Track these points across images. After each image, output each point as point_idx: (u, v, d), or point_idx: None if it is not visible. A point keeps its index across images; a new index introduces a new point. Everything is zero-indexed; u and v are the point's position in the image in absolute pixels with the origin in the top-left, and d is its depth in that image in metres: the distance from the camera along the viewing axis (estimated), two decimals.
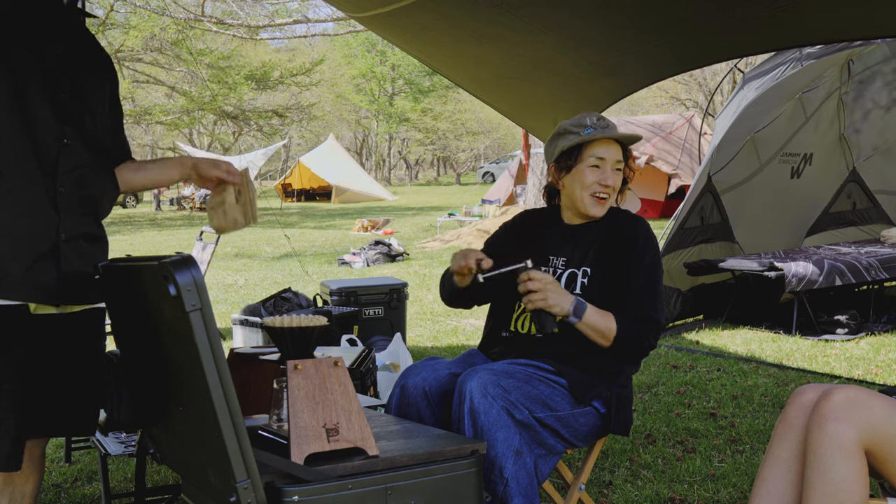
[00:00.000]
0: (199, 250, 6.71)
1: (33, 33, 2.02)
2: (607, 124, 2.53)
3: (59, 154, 2.00)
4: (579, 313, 2.36)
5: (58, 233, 2.01)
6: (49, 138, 1.99)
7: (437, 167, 55.86)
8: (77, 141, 2.04)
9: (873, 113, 8.03)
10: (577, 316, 2.36)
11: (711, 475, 3.38)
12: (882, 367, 5.26)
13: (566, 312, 2.35)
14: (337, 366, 1.83)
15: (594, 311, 2.38)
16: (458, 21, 3.60)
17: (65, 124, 2.01)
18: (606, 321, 2.38)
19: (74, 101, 2.04)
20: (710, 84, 28.07)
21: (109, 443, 2.62)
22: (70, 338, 2.12)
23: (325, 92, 37.85)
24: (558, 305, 2.34)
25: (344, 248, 13.55)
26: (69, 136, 2.02)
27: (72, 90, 2.04)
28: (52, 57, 2.03)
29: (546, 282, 2.34)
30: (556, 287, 2.37)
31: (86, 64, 2.12)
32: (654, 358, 5.51)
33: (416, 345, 6.15)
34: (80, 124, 2.04)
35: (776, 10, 3.01)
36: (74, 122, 2.03)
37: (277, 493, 1.67)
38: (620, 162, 2.53)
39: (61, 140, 2.00)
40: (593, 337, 2.39)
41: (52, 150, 1.99)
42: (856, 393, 2.03)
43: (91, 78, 2.11)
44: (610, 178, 2.52)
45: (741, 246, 7.22)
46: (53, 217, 2.00)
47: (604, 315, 2.39)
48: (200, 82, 22.94)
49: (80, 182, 2.05)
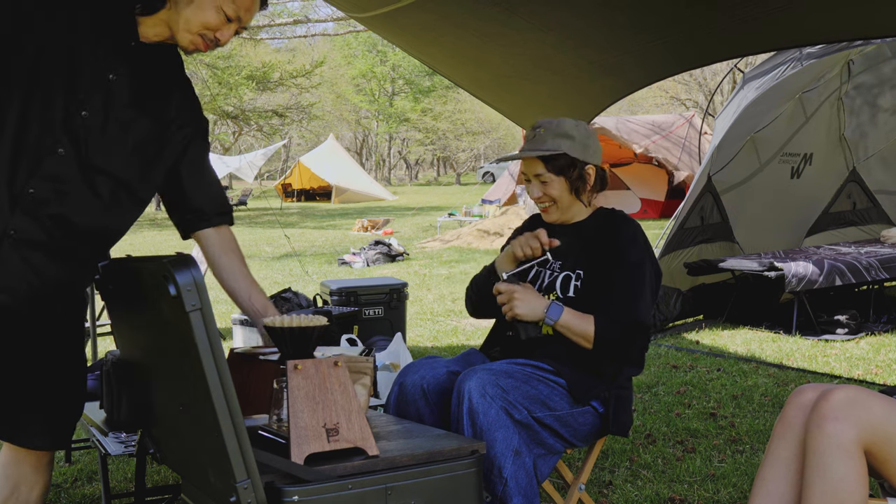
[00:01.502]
0: (199, 250, 6.70)
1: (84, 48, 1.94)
2: (534, 136, 2.57)
3: (45, 156, 1.92)
4: (554, 316, 2.39)
5: (6, 228, 1.91)
6: (43, 140, 1.92)
7: (437, 167, 55.88)
8: (71, 158, 1.94)
9: (874, 113, 8.03)
10: (551, 319, 2.39)
11: (711, 475, 3.38)
12: (882, 367, 5.26)
13: (539, 317, 2.40)
14: (337, 366, 1.83)
15: (571, 314, 2.40)
16: (459, 21, 3.60)
17: (64, 135, 1.93)
18: (584, 323, 2.39)
19: (92, 123, 1.95)
20: (710, 84, 28.08)
21: (109, 443, 2.62)
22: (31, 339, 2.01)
23: (325, 92, 37.86)
24: (528, 313, 2.40)
25: (344, 248, 13.55)
26: (65, 147, 1.93)
27: (98, 114, 1.95)
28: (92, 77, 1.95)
29: (511, 291, 2.41)
30: (524, 294, 2.41)
31: (135, 100, 2.00)
32: (654, 358, 5.51)
33: (416, 345, 6.15)
34: (80, 144, 1.95)
35: (775, 10, 3.01)
36: (79, 140, 1.94)
37: (277, 493, 1.67)
38: (540, 175, 2.56)
39: (55, 149, 1.92)
40: (574, 339, 2.41)
41: (41, 150, 1.92)
42: (855, 393, 2.03)
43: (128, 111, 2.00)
44: (536, 191, 2.59)
45: (741, 246, 7.22)
46: (4, 211, 1.91)
47: (582, 317, 2.40)
48: (200, 82, 22.95)
49: (58, 197, 1.94)
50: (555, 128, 2.55)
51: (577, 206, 2.61)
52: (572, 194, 2.58)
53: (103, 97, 1.97)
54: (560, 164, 2.54)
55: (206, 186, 2.19)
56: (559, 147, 2.51)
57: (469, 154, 48.94)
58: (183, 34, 1.98)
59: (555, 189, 2.56)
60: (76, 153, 1.95)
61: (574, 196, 2.58)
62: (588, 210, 2.63)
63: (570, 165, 2.54)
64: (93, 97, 1.95)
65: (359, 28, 14.51)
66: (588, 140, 2.57)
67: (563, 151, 2.51)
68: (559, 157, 2.53)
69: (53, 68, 1.92)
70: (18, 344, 1.99)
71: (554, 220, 2.64)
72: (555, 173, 2.55)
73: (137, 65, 2.02)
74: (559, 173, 2.55)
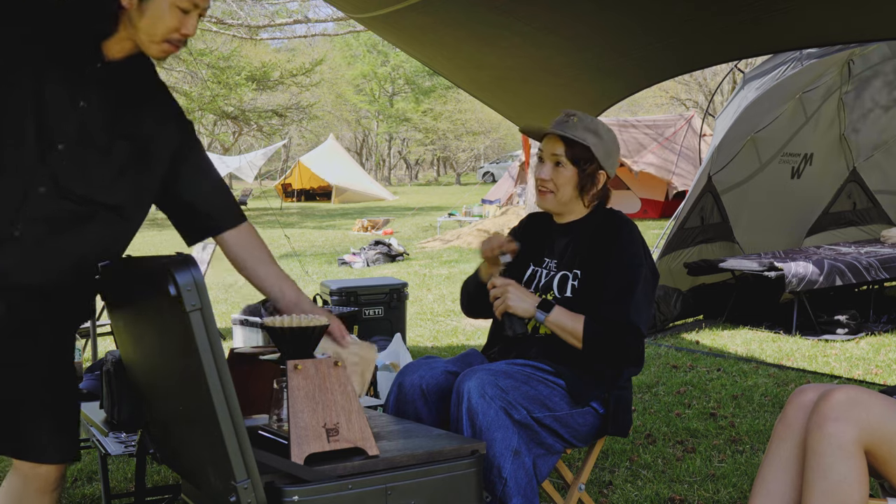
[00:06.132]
0: (199, 250, 6.71)
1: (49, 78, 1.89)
2: (567, 120, 2.55)
3: (26, 199, 1.87)
4: (545, 312, 2.39)
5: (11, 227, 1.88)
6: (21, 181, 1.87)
7: (437, 167, 55.86)
8: (54, 193, 1.89)
9: (874, 113, 8.03)
10: (542, 314, 2.39)
11: (711, 475, 3.38)
12: (882, 367, 5.26)
13: (530, 313, 2.40)
14: (337, 366, 1.83)
15: (561, 312, 2.40)
16: (459, 22, 3.60)
17: (45, 174, 1.88)
18: (574, 322, 2.39)
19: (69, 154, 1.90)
20: (711, 84, 28.07)
21: (109, 443, 2.62)
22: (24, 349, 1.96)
23: (325, 92, 37.85)
24: (520, 307, 2.39)
25: (344, 248, 13.55)
26: (46, 184, 1.88)
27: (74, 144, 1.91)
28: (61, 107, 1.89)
29: (506, 285, 2.41)
30: (517, 289, 2.42)
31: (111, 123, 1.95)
32: (654, 358, 5.51)
33: (416, 345, 6.15)
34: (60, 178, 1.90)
35: (775, 12, 3.01)
36: (58, 174, 1.89)
37: (277, 493, 1.67)
38: (557, 156, 2.53)
39: (37, 188, 1.87)
40: (564, 337, 2.41)
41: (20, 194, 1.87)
42: (855, 393, 2.03)
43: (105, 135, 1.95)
44: (545, 172, 2.56)
45: (741, 246, 7.22)
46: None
47: (573, 317, 2.40)
48: (200, 82, 22.94)
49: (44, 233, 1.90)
50: (589, 122, 2.56)
51: (576, 203, 2.60)
52: (577, 189, 2.57)
53: (76, 127, 1.91)
54: (579, 155, 2.53)
55: (211, 191, 2.14)
56: (586, 139, 2.52)
57: (469, 154, 48.91)
58: (149, 46, 1.92)
59: (563, 177, 2.55)
60: (57, 188, 1.90)
61: (577, 192, 2.57)
62: (586, 209, 2.63)
63: (588, 161, 2.54)
64: (66, 128, 1.90)
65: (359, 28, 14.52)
66: (612, 148, 2.59)
67: (589, 145, 2.52)
68: (582, 148, 2.52)
69: (20, 109, 1.87)
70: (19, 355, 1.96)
71: (548, 208, 2.63)
72: (571, 161, 2.53)
73: (107, 86, 1.96)
74: (575, 163, 2.54)
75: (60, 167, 1.90)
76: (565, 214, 2.63)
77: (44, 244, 1.91)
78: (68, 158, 1.90)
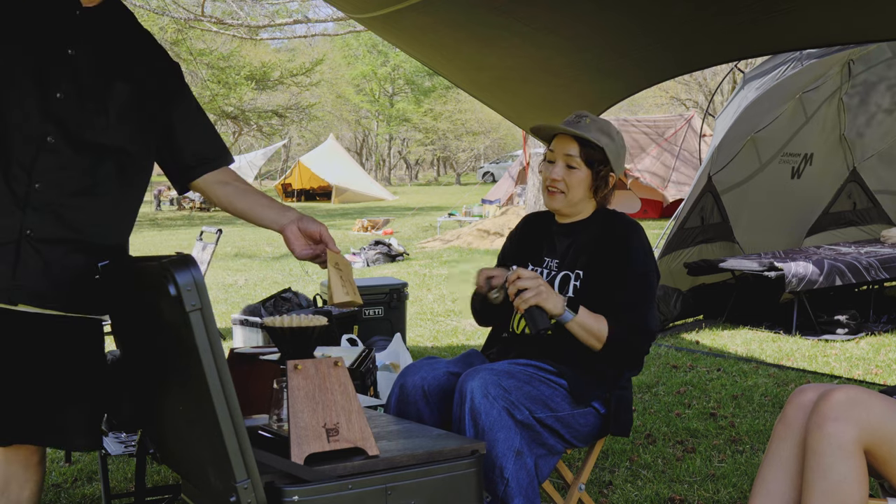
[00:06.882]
0: (199, 250, 6.71)
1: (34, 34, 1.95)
2: (578, 121, 2.54)
3: (38, 150, 1.93)
4: (573, 312, 2.37)
5: (21, 229, 1.92)
6: (29, 133, 1.92)
7: (437, 167, 55.85)
8: (63, 142, 1.95)
9: (874, 113, 8.03)
10: (571, 314, 2.36)
11: (711, 475, 3.38)
12: (882, 367, 5.26)
13: (560, 310, 2.35)
14: (337, 366, 1.83)
15: (587, 313, 2.39)
16: (459, 23, 3.60)
17: (49, 123, 1.93)
18: (599, 323, 2.38)
19: (69, 102, 1.95)
20: (711, 84, 28.07)
21: (109, 443, 2.62)
22: (61, 343, 2.02)
23: (325, 92, 37.84)
24: (551, 302, 2.34)
25: (344, 248, 13.54)
26: (53, 134, 1.94)
27: (72, 92, 1.96)
28: (52, 57, 1.95)
29: (537, 278, 2.37)
30: (547, 285, 2.38)
31: (102, 68, 2.00)
32: (654, 358, 5.51)
33: (416, 345, 6.15)
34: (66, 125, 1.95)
35: (775, 13, 3.01)
36: (63, 122, 1.95)
37: (277, 493, 1.67)
38: (571, 157, 2.52)
39: (45, 138, 1.93)
40: (584, 338, 2.39)
41: (31, 145, 1.92)
42: (855, 393, 2.03)
43: (99, 80, 2.00)
44: (556, 172, 2.53)
45: (741, 246, 7.22)
46: (16, 212, 1.92)
47: (596, 318, 2.39)
48: (200, 82, 22.94)
49: (64, 183, 1.96)
50: (602, 124, 2.55)
51: (585, 205, 2.59)
52: (590, 191, 2.56)
53: (70, 73, 1.97)
54: (594, 156, 2.52)
55: (202, 133, 2.21)
56: (600, 141, 2.51)
57: (469, 154, 48.90)
58: None
59: (576, 178, 2.53)
60: (65, 136, 1.95)
61: (590, 193, 2.57)
62: (591, 210, 2.63)
63: (602, 163, 2.53)
64: (60, 76, 1.95)
65: (359, 28, 14.51)
66: (621, 151, 2.59)
67: (603, 146, 2.51)
68: (597, 149, 2.52)
69: (12, 61, 1.92)
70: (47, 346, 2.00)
71: (556, 209, 2.61)
72: (585, 162, 2.52)
73: (91, 32, 2.01)
74: (589, 164, 2.53)
75: (63, 115, 1.95)
76: (571, 215, 2.62)
77: (65, 195, 1.96)
78: (69, 106, 1.96)
